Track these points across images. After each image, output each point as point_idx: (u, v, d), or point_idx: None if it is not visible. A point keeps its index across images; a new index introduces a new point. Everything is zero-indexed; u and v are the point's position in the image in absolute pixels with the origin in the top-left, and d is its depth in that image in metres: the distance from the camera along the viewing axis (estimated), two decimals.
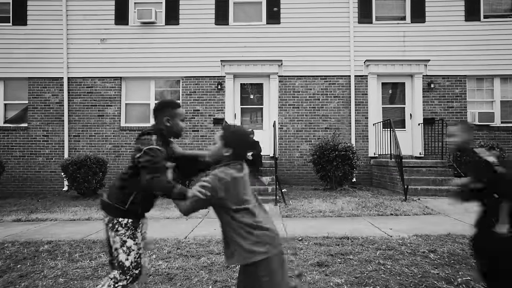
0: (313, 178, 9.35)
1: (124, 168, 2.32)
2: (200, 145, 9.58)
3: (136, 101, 9.82)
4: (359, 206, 6.35)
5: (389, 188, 8.07)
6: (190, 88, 9.66)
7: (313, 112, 9.55)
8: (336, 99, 9.54)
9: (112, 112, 9.64)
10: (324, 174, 8.07)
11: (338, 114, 9.52)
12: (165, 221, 5.65)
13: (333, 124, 9.52)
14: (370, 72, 9.38)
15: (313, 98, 9.57)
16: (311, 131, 9.54)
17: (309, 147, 9.47)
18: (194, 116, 9.65)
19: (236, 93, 9.77)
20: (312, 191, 8.19)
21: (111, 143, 9.60)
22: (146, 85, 9.84)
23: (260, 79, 9.78)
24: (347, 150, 7.83)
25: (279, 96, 9.59)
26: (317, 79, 9.58)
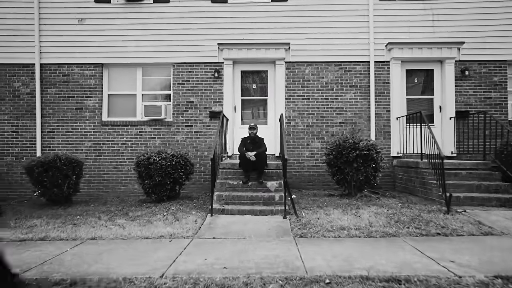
0: (326, 181, 8.02)
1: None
2: (194, 143, 8.24)
3: (121, 92, 8.47)
4: (391, 221, 5.01)
5: (419, 194, 6.72)
6: (182, 77, 8.31)
7: (325, 104, 8.19)
8: (353, 89, 8.17)
9: (92, 104, 8.30)
10: (342, 178, 6.73)
11: (355, 107, 8.16)
12: (141, 244, 4.32)
13: (349, 118, 8.16)
14: (392, 57, 8.00)
15: (325, 88, 8.20)
16: (323, 126, 8.18)
17: (322, 145, 8.13)
18: (187, 109, 8.31)
19: (236, 82, 8.42)
20: (327, 198, 6.85)
21: (91, 140, 8.27)
22: (132, 73, 8.49)
23: (264, 65, 8.42)
24: (370, 149, 6.47)
25: (286, 86, 8.23)
26: (331, 66, 8.21)
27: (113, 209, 6.38)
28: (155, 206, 6.36)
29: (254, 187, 6.30)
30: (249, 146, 6.56)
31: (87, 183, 8.19)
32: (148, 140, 8.28)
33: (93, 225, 5.19)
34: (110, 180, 8.19)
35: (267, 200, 5.96)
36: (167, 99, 8.46)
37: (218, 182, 6.37)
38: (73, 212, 6.20)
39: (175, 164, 6.55)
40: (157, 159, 6.43)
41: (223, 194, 6.05)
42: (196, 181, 8.11)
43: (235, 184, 6.33)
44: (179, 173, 6.62)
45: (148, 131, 8.29)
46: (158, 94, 8.51)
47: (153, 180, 6.47)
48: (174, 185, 6.80)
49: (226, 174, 6.65)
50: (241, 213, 5.64)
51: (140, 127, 8.29)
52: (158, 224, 5.17)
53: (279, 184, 6.31)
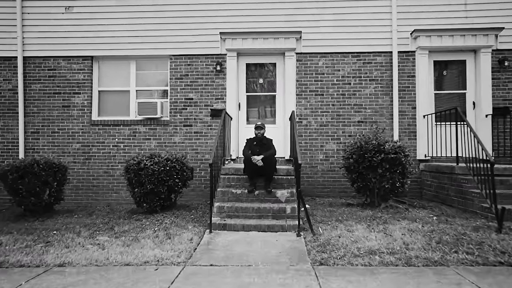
0: (343, 188, 7.06)
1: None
2: (193, 145, 7.35)
3: (112, 88, 7.62)
4: (432, 241, 4.04)
5: (455, 205, 5.73)
6: (180, 70, 7.42)
7: (342, 100, 7.23)
8: (373, 83, 7.20)
9: (81, 101, 7.45)
10: (363, 186, 5.76)
11: (375, 103, 7.18)
12: (118, 273, 3.41)
13: (369, 117, 7.19)
14: (419, 47, 7.01)
15: (342, 82, 7.24)
16: (339, 125, 7.22)
17: (337, 147, 7.17)
18: (186, 107, 7.41)
19: (240, 77, 7.51)
20: (345, 209, 5.89)
21: (79, 142, 7.43)
22: (125, 67, 7.63)
23: (272, 57, 7.49)
24: (398, 151, 5.50)
25: (297, 80, 7.29)
26: (348, 57, 7.25)
27: (98, 222, 5.50)
28: (146, 219, 5.47)
29: (261, 196, 5.37)
30: (256, 149, 5.63)
31: (75, 190, 7.34)
32: (143, 141, 7.40)
33: (68, 244, 4.31)
34: (100, 186, 7.33)
35: (277, 213, 5.02)
36: (164, 95, 7.59)
37: (219, 191, 5.45)
38: (51, 225, 5.34)
39: (170, 169, 5.65)
40: (148, 163, 5.54)
41: (225, 206, 5.13)
42: (196, 188, 7.21)
43: (239, 193, 5.41)
44: (174, 180, 5.72)
45: (142, 131, 7.41)
46: (154, 91, 7.63)
47: (144, 188, 5.58)
48: (169, 194, 5.91)
49: (229, 181, 5.73)
50: (246, 229, 4.71)
51: (134, 127, 7.42)
52: (145, 243, 4.27)
53: (291, 193, 5.37)
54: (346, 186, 6.99)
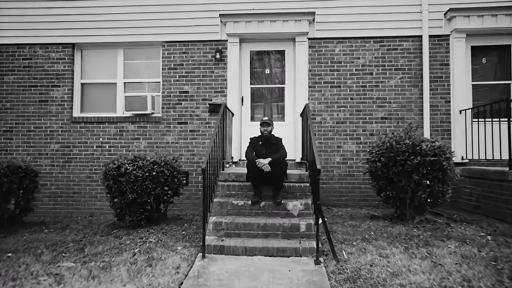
0: (364, 196, 6.01)
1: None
2: (189, 145, 6.34)
3: (97, 80, 6.64)
4: (502, 276, 2.97)
5: (509, 219, 4.64)
6: (174, 59, 6.42)
7: (362, 93, 6.17)
8: (399, 72, 6.13)
9: (61, 96, 6.49)
10: (394, 195, 4.69)
11: (401, 97, 6.11)
12: None
13: (394, 112, 6.12)
14: (454, 29, 5.92)
15: (362, 72, 6.19)
16: (359, 122, 6.16)
17: (357, 148, 6.11)
18: (181, 101, 6.41)
19: (243, 66, 6.48)
20: (371, 223, 4.82)
21: (58, 142, 6.46)
22: (112, 56, 6.65)
23: (280, 43, 6.46)
24: (438, 153, 4.43)
25: (310, 70, 6.25)
26: (369, 43, 6.19)
27: (70, 239, 4.51)
28: (128, 235, 4.46)
29: (268, 209, 4.33)
30: (262, 150, 4.60)
31: (53, 197, 6.36)
32: (131, 141, 6.41)
33: (18, 275, 3.31)
34: (82, 193, 6.35)
35: (289, 231, 3.98)
36: (156, 89, 6.59)
37: (216, 202, 4.42)
38: (10, 244, 4.35)
39: (157, 175, 4.64)
40: (130, 168, 4.53)
41: (223, 221, 4.09)
42: (192, 195, 6.20)
43: (240, 204, 4.37)
44: (162, 188, 4.71)
45: (130, 129, 6.42)
46: (144, 83, 6.64)
47: (125, 198, 4.58)
48: (158, 204, 4.91)
49: (229, 189, 4.70)
50: (249, 253, 3.67)
51: (121, 125, 6.43)
52: (118, 273, 3.25)
53: (305, 205, 4.32)
54: (368, 193, 5.94)
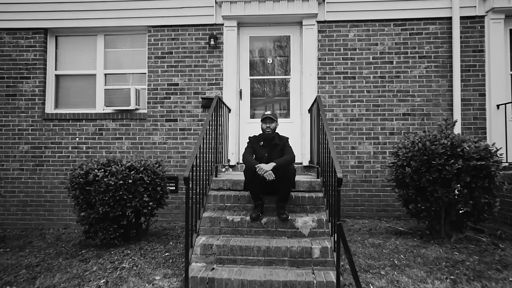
0: (383, 205, 5.12)
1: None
2: (179, 146, 5.46)
3: (73, 71, 5.77)
4: None
5: None
6: (162, 47, 5.55)
7: (381, 85, 5.28)
8: (424, 61, 5.24)
9: (31, 89, 5.62)
10: (426, 208, 3.79)
11: (427, 89, 5.22)
12: None
13: (419, 107, 5.23)
14: (492, 9, 5.03)
15: (380, 61, 5.30)
16: (377, 119, 5.27)
17: (374, 149, 5.22)
18: (169, 95, 5.54)
19: (242, 55, 5.60)
20: (397, 241, 3.92)
21: (28, 143, 5.59)
22: (91, 43, 5.78)
23: (285, 28, 5.58)
24: (484, 155, 3.54)
25: (320, 58, 5.37)
26: (389, 26, 5.30)
27: (26, 262, 3.64)
28: (97, 258, 3.59)
29: (272, 226, 3.44)
30: (263, 152, 3.71)
31: (21, 206, 5.49)
32: (112, 141, 5.54)
33: None
34: (55, 201, 5.48)
35: (298, 257, 3.09)
36: (141, 81, 5.72)
37: (207, 218, 3.53)
38: None
39: (134, 183, 3.76)
40: (100, 174, 3.65)
41: (214, 243, 3.20)
42: (182, 204, 5.32)
43: (237, 221, 3.48)
44: (142, 199, 3.83)
45: (111, 128, 5.55)
46: (128, 75, 5.76)
47: (95, 212, 3.70)
48: (138, 217, 4.03)
49: (223, 200, 3.81)
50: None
51: (101, 123, 5.56)
52: None
53: (318, 222, 3.42)
54: (388, 203, 5.06)
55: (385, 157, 5.22)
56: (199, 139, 3.36)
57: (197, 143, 3.32)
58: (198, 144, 3.30)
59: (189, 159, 3.24)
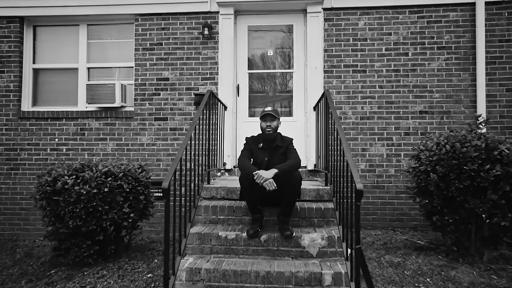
0: (398, 214, 4.56)
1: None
2: (170, 147, 4.90)
3: (54, 64, 5.22)
4: None
5: None
6: (151, 37, 5.00)
7: (395, 80, 4.72)
8: (443, 52, 4.67)
9: (5, 84, 5.07)
10: (455, 221, 3.21)
11: (447, 84, 4.65)
12: None
13: (437, 104, 4.66)
14: None
15: (394, 52, 4.73)
16: (390, 118, 4.71)
17: (388, 151, 4.66)
18: (159, 91, 4.98)
19: (240, 46, 5.04)
20: (420, 259, 3.35)
21: (1, 144, 5.04)
22: (73, 34, 5.23)
23: (287, 16, 5.02)
24: None
25: (326, 50, 4.80)
26: (403, 13, 4.74)
27: None
28: (66, 281, 3.03)
29: (273, 245, 2.87)
30: (262, 156, 3.14)
31: None
32: (95, 143, 4.98)
33: None
34: (32, 209, 4.91)
35: (306, 284, 2.52)
36: (129, 75, 5.16)
37: (195, 234, 2.96)
38: None
39: (112, 191, 3.20)
40: (70, 182, 3.08)
41: (202, 267, 2.63)
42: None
43: (231, 238, 2.91)
44: (121, 210, 3.27)
45: (94, 127, 4.99)
46: (114, 69, 5.21)
47: (64, 226, 3.14)
48: (118, 231, 3.46)
49: (215, 211, 3.24)
50: None
51: (83, 122, 5.01)
52: None
53: (329, 240, 2.85)
54: (403, 211, 4.50)
55: (400, 160, 4.65)
56: (185, 140, 2.81)
57: (182, 144, 2.76)
58: (183, 145, 2.74)
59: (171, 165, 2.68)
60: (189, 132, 2.89)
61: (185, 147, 2.77)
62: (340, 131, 2.85)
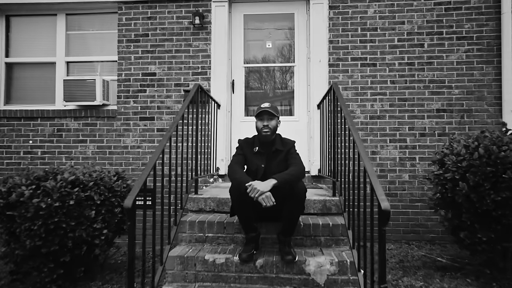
0: (413, 225, 4.05)
1: None
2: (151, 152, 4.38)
3: (29, 58, 4.71)
4: None
5: None
6: (136, 28, 4.49)
7: (408, 74, 4.20)
8: (463, 43, 4.16)
9: None
10: (488, 239, 2.69)
11: (468, 79, 4.13)
12: None
13: (457, 102, 4.14)
14: None
15: (408, 44, 4.21)
16: (404, 117, 4.18)
17: (401, 154, 4.14)
18: (145, 88, 4.46)
19: (235, 37, 4.53)
20: (445, 284, 2.83)
21: None
22: (50, 24, 4.72)
23: (287, 4, 4.50)
24: None
25: (331, 41, 4.28)
26: (418, 0, 4.22)
27: None
28: None
29: (271, 271, 2.35)
30: (259, 163, 2.59)
31: None
32: (73, 145, 4.47)
33: None
34: None
35: None
36: (112, 70, 4.65)
37: (176, 257, 2.44)
38: None
39: (80, 203, 2.68)
40: (27, 193, 2.56)
41: None
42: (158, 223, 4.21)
43: (220, 262, 2.39)
44: (91, 226, 2.74)
45: (73, 128, 4.48)
46: (96, 63, 4.70)
47: (21, 246, 2.62)
48: (92, 250, 2.93)
49: (202, 228, 2.72)
50: None
51: (60, 122, 4.49)
52: None
53: (340, 266, 2.33)
54: (418, 222, 3.99)
55: (414, 165, 4.13)
56: (163, 141, 2.29)
57: (158, 147, 2.26)
58: (159, 148, 2.24)
59: (141, 174, 2.16)
60: (167, 134, 2.38)
61: (162, 151, 2.26)
62: (354, 131, 2.33)
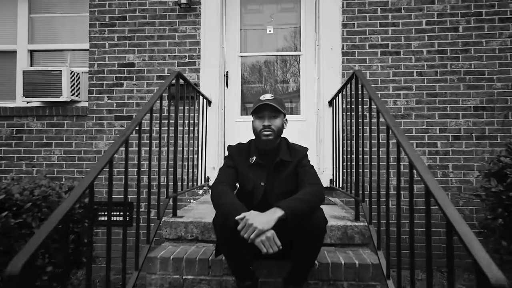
0: (443, 248, 3.24)
1: None
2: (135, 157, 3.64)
3: None
4: None
5: None
6: (111, 9, 3.75)
7: (439, 64, 3.46)
8: (508, 26, 3.43)
9: None
10: None
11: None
12: None
13: (499, 97, 3.41)
14: None
15: (438, 27, 3.49)
16: (434, 116, 3.45)
17: (430, 161, 3.41)
18: (122, 81, 3.73)
19: (229, 21, 3.80)
20: None
21: None
22: (9, 6, 3.99)
23: None
24: None
25: (345, 24, 3.55)
26: None
27: None
28: None
29: None
30: (256, 179, 1.80)
31: None
32: (36, 149, 3.73)
33: None
34: None
35: None
36: (84, 60, 3.91)
37: None
38: None
39: (11, 232, 1.93)
40: None
41: None
42: None
43: None
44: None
45: (36, 129, 3.74)
46: (65, 52, 3.97)
47: None
48: None
49: (179, 268, 1.96)
50: None
51: (20, 122, 3.76)
52: None
53: None
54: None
55: (447, 174, 3.40)
56: (115, 145, 1.56)
57: (108, 151, 1.52)
58: (108, 154, 1.50)
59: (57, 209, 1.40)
60: (121, 137, 1.64)
61: (108, 160, 1.51)
62: (399, 133, 1.60)
